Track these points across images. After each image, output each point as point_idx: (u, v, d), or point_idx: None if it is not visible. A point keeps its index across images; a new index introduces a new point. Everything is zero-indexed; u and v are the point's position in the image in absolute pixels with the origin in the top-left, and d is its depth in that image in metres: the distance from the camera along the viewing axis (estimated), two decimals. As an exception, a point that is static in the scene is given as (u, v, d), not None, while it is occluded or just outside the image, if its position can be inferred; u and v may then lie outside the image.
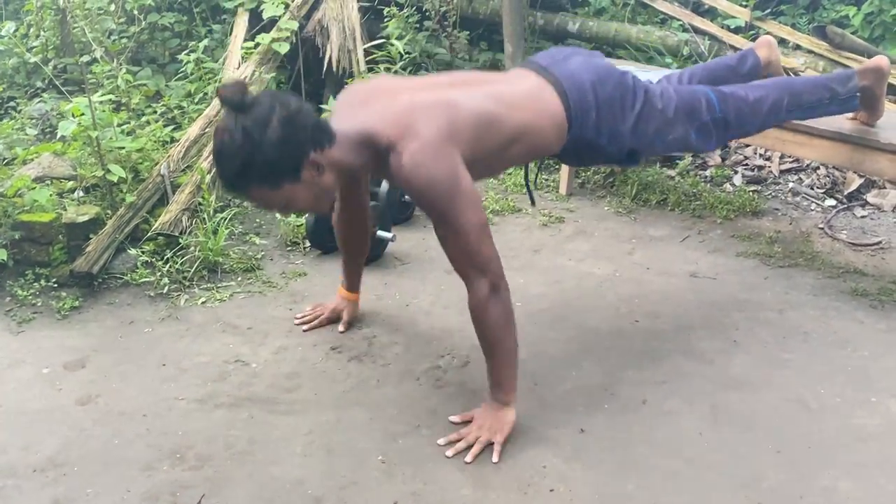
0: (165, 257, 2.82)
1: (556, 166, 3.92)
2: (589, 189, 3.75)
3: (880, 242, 3.13)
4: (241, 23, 4.49)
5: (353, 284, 2.50)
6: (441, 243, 1.87)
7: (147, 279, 2.74)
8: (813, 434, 1.98)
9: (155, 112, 3.90)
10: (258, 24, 4.61)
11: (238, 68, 4.06)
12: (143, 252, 2.84)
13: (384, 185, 3.23)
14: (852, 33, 4.24)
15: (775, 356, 2.33)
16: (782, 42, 4.26)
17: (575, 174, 3.71)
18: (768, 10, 4.55)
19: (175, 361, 2.31)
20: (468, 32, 4.60)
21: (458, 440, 1.92)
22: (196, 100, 4.03)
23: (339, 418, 2.05)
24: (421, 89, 1.92)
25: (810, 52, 4.02)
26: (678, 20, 4.45)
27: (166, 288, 2.70)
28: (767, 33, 4.30)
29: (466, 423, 1.99)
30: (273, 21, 4.30)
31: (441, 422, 2.03)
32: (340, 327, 2.47)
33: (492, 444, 1.90)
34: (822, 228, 3.28)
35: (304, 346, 2.39)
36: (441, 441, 1.93)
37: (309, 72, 4.67)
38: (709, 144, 2.32)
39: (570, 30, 4.65)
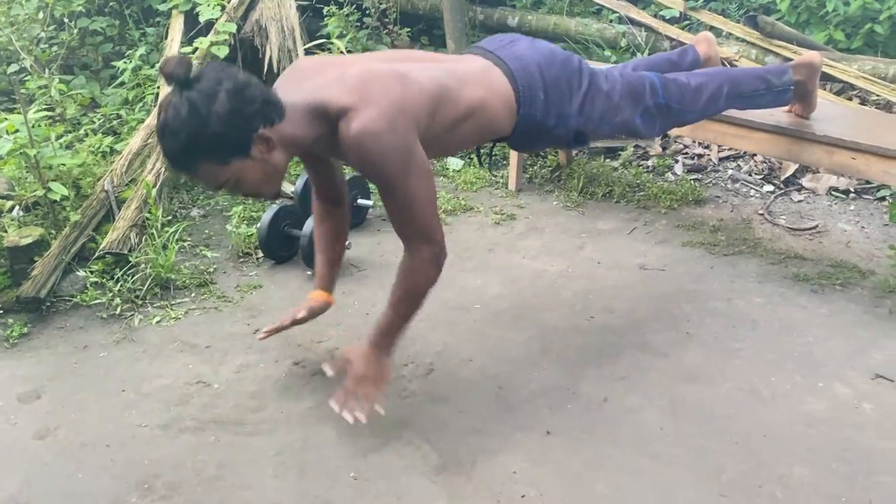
0: (115, 277, 2.76)
1: (505, 162, 3.97)
2: (537, 184, 3.80)
3: (817, 226, 3.27)
4: (177, 26, 4.38)
5: (327, 284, 2.29)
6: (388, 211, 1.86)
7: (98, 300, 2.67)
8: (767, 423, 2.07)
9: (93, 122, 3.79)
10: (194, 26, 4.51)
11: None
12: (91, 272, 2.77)
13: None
14: (778, 19, 4.39)
15: (727, 346, 2.42)
16: (715, 31, 4.38)
17: (523, 170, 3.76)
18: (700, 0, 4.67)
19: (134, 386, 2.27)
20: (409, 29, 4.59)
21: (346, 400, 1.95)
22: (136, 109, 3.93)
23: (308, 436, 2.05)
24: (374, 61, 1.90)
25: (742, 40, 4.15)
26: (614, 12, 4.52)
27: (119, 308, 2.65)
28: (701, 23, 4.42)
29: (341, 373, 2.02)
30: (210, 23, 4.21)
31: (410, 433, 2.05)
32: (302, 312, 2.26)
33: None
34: (761, 214, 3.40)
35: (265, 362, 2.38)
36: (334, 405, 1.96)
37: (253, 74, 4.60)
38: (652, 130, 2.36)
39: (509, 24, 4.68)
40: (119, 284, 2.72)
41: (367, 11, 4.46)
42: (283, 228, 2.99)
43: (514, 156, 3.67)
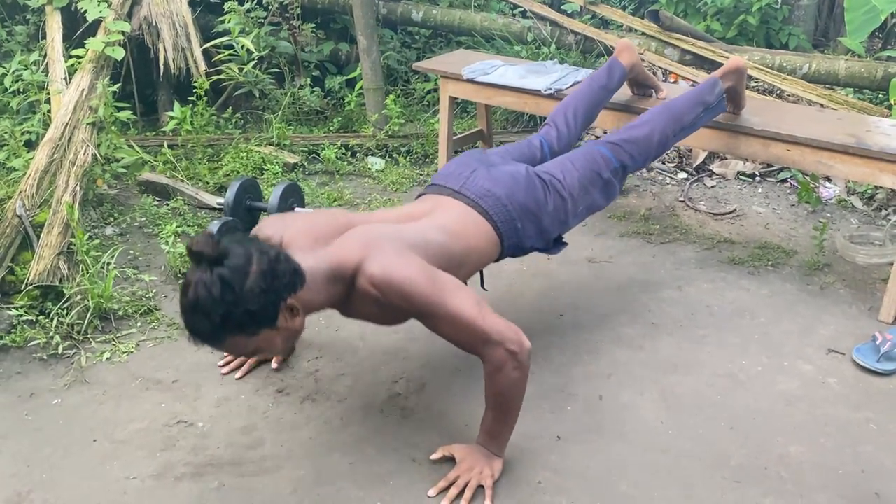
0: (48, 311, 2.49)
1: (429, 160, 3.94)
2: (464, 181, 3.80)
3: (735, 210, 3.49)
4: (54, 24, 4.00)
5: None
6: (444, 335, 1.84)
7: (35, 339, 2.40)
8: (752, 406, 2.21)
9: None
10: (73, 24, 4.12)
11: (65, 78, 3.62)
12: (18, 309, 2.49)
13: (273, 197, 3.07)
14: (656, 8, 4.59)
15: (692, 334, 2.55)
16: (615, 25, 4.56)
17: (451, 168, 3.74)
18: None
19: (106, 434, 2.07)
20: (313, 24, 4.43)
21: (448, 487, 1.88)
22: (18, 120, 3.54)
23: (319, 469, 1.95)
24: (372, 222, 1.96)
25: (643, 34, 4.33)
26: (517, 7, 4.58)
27: (59, 347, 2.39)
28: (602, 18, 4.58)
29: (447, 458, 1.95)
30: (94, 21, 3.87)
31: (423, 451, 2.00)
32: (273, 364, 2.34)
33: (481, 487, 1.88)
34: (682, 201, 3.59)
35: (246, 393, 2.24)
36: (431, 492, 1.87)
37: (142, 75, 4.27)
38: (615, 192, 2.46)
39: (413, 18, 4.63)
40: (55, 320, 2.46)
41: (268, 6, 4.25)
42: (226, 245, 2.82)
43: (442, 153, 3.65)
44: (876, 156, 2.50)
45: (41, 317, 2.48)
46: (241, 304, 1.58)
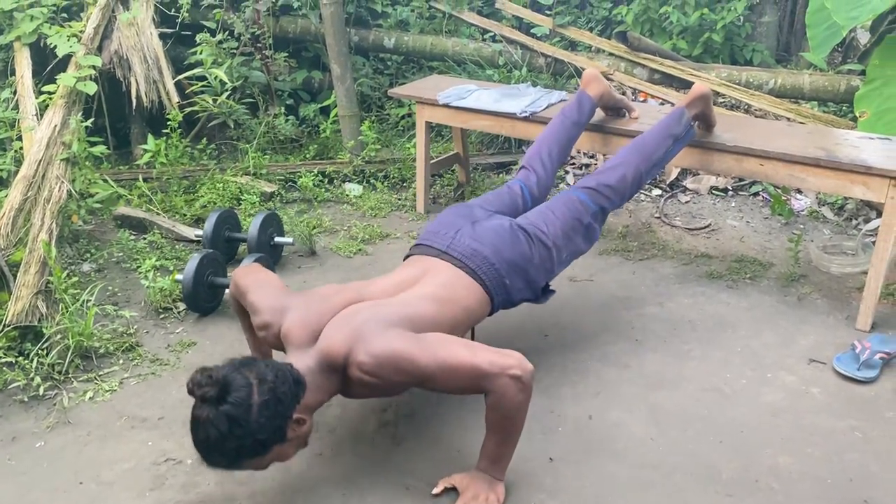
0: (26, 352, 2.45)
1: (407, 185, 3.95)
2: (443, 203, 3.83)
3: (710, 225, 3.55)
4: (23, 60, 3.96)
5: (264, 358, 2.25)
6: (448, 391, 1.87)
7: (15, 381, 2.36)
8: (738, 418, 2.23)
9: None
10: (42, 59, 4.09)
11: (37, 114, 3.58)
12: (-4, 350, 2.44)
13: (253, 228, 3.06)
14: (624, 31, 4.67)
15: (676, 349, 2.58)
16: (583, 47, 4.63)
17: (429, 190, 3.76)
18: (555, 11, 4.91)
19: (92, 475, 2.03)
20: (285, 53, 4.44)
21: None
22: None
23: (312, 503, 1.93)
24: (364, 297, 1.98)
25: (612, 55, 4.41)
26: (490, 31, 4.64)
27: (40, 388, 2.35)
28: (571, 40, 4.65)
29: (448, 489, 1.94)
30: (64, 57, 3.84)
31: (416, 478, 2.00)
32: None
33: None
34: (658, 217, 3.64)
35: (235, 427, 2.21)
36: None
37: (114, 108, 4.25)
38: (595, 236, 2.49)
39: (385, 45, 4.67)
40: (35, 361, 2.42)
41: (240, 37, 4.26)
42: (207, 278, 2.80)
43: (420, 178, 3.67)
44: (846, 168, 2.56)
45: (20, 358, 2.44)
46: (251, 436, 1.63)
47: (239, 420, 1.61)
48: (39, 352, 2.45)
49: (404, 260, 2.27)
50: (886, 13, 3.81)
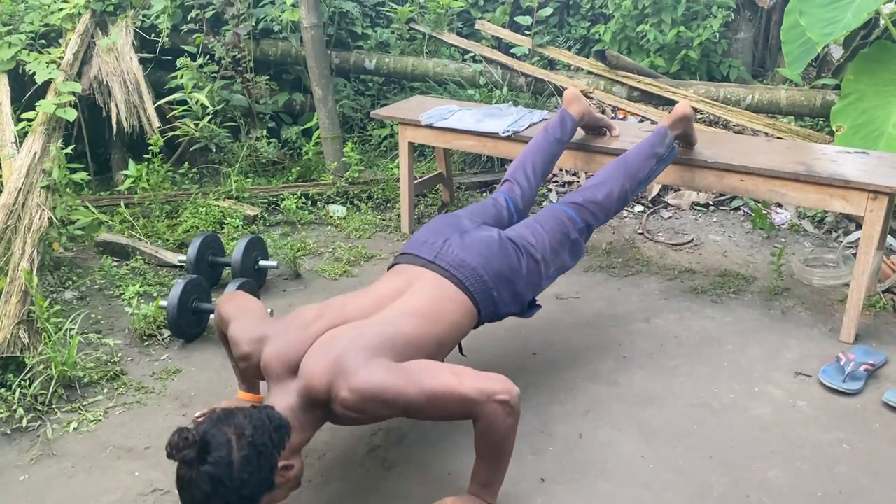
0: (9, 383, 2.41)
1: (391, 205, 3.96)
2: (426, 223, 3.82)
3: (692, 240, 3.58)
4: (1, 88, 3.95)
5: (252, 386, 2.25)
6: (434, 419, 1.87)
7: (-3, 415, 2.32)
8: (727, 433, 2.24)
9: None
10: (21, 86, 4.07)
11: (15, 142, 3.55)
12: (-23, 383, 2.40)
13: (237, 252, 3.04)
14: (602, 49, 4.72)
15: (664, 365, 2.59)
16: (561, 65, 4.67)
17: (413, 210, 3.76)
18: (537, 31, 4.95)
19: (78, 509, 2.00)
20: (266, 76, 4.45)
21: None
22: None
23: (304, 529, 1.92)
24: (347, 317, 1.92)
25: (590, 73, 4.45)
26: (470, 52, 4.67)
27: (23, 420, 2.32)
28: (550, 59, 4.69)
29: None
30: (43, 83, 3.83)
31: (408, 502, 1.98)
32: None
33: None
34: (641, 233, 3.66)
35: (222, 455, 2.19)
36: None
37: (94, 134, 4.23)
38: (581, 252, 2.51)
39: (367, 67, 4.69)
40: (17, 392, 2.38)
41: (220, 61, 4.26)
42: (192, 304, 2.78)
43: (404, 198, 3.67)
44: (825, 182, 2.59)
45: (2, 389, 2.40)
46: (236, 492, 1.59)
47: (222, 479, 1.56)
48: (22, 382, 2.41)
49: (389, 269, 2.23)
50: (859, 29, 3.88)
